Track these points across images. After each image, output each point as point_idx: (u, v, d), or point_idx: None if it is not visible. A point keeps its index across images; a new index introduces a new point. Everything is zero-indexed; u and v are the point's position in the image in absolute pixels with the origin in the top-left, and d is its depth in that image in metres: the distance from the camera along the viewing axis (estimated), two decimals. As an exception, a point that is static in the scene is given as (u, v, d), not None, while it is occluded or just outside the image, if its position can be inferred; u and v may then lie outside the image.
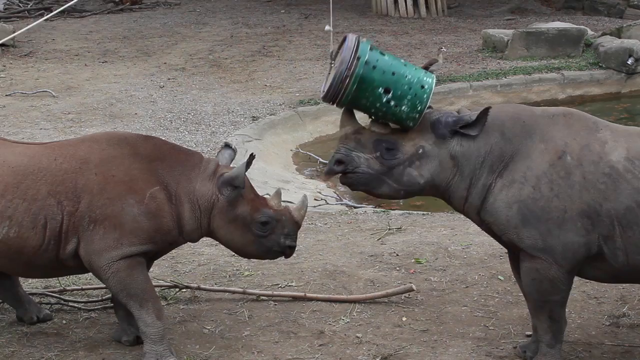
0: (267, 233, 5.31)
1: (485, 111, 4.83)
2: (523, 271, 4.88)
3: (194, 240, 5.47)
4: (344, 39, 4.91)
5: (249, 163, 5.25)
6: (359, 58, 4.78)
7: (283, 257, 5.47)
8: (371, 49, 4.86)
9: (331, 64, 5.04)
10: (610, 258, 4.76)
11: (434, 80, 4.94)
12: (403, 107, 4.83)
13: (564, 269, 4.79)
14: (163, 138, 6.00)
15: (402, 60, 4.96)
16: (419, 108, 4.85)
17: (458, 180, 4.93)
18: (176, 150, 5.47)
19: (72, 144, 5.39)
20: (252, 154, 5.29)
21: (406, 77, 4.85)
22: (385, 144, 4.90)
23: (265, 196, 5.49)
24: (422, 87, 4.85)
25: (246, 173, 5.25)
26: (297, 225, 5.42)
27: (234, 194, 5.25)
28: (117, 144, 5.32)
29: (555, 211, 4.72)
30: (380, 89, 4.82)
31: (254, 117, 11.98)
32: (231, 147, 5.63)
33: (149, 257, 5.34)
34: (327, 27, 5.64)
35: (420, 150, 4.89)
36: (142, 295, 5.16)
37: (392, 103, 4.83)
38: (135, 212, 5.14)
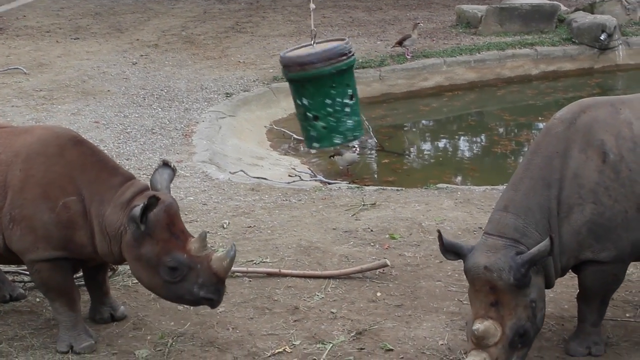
0: (176, 280, 4.75)
1: (551, 238, 4.40)
2: (586, 272, 4.75)
3: (116, 263, 5.14)
4: None
5: (149, 205, 4.66)
6: None
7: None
8: None
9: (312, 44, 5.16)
10: None
11: None
12: None
13: (627, 263, 4.78)
14: (99, 144, 5.89)
15: None
16: None
17: (550, 272, 4.69)
18: (102, 164, 5.00)
19: (16, 133, 5.15)
20: (153, 196, 4.70)
21: None
22: (514, 338, 4.52)
23: (190, 237, 4.86)
24: None
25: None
26: (216, 276, 4.77)
27: (137, 231, 4.73)
28: (46, 141, 5.00)
29: (619, 215, 4.60)
30: None
31: (227, 93, 11.93)
32: (170, 166, 5.11)
33: (78, 262, 5.13)
34: (311, 5, 5.66)
35: (533, 304, 4.58)
36: (59, 291, 5.07)
37: None
38: (45, 219, 4.88)
